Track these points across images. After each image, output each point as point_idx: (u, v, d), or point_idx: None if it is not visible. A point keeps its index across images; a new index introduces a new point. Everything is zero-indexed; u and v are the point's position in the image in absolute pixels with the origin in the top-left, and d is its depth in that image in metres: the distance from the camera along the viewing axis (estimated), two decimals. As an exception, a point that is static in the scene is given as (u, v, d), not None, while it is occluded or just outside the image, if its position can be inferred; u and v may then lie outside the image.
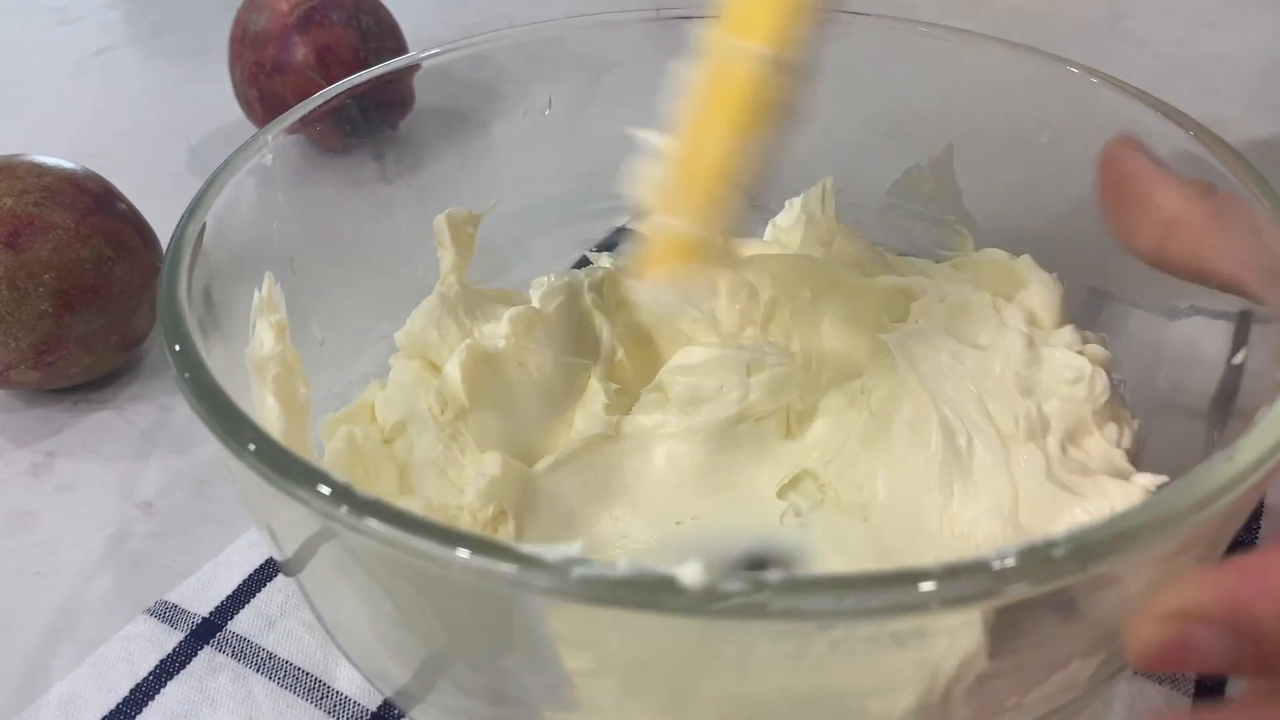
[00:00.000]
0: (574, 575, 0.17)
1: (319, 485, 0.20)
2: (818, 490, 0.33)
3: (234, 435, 0.22)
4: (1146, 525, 0.19)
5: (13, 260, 0.38)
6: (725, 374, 0.33)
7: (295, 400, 0.30)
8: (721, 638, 0.19)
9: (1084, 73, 0.35)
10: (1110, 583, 0.20)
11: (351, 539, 0.20)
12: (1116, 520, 0.19)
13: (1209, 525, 0.20)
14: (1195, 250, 0.28)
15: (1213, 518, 0.20)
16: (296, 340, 0.31)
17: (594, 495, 0.32)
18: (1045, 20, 0.67)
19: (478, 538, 0.18)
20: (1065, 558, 0.18)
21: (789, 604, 0.17)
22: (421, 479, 0.32)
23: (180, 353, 0.24)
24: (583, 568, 0.17)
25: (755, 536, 0.32)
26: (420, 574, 0.20)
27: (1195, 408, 0.31)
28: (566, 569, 0.18)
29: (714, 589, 0.17)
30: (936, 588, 0.17)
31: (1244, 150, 0.30)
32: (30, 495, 0.38)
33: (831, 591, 0.17)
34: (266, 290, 0.30)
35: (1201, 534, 0.21)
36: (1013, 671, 0.21)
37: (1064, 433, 0.30)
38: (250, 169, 0.31)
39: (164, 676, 0.31)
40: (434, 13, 0.71)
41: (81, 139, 0.59)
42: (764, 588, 0.17)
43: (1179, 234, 0.28)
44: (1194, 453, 0.30)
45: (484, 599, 0.20)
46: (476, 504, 0.30)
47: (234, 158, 0.31)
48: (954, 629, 0.20)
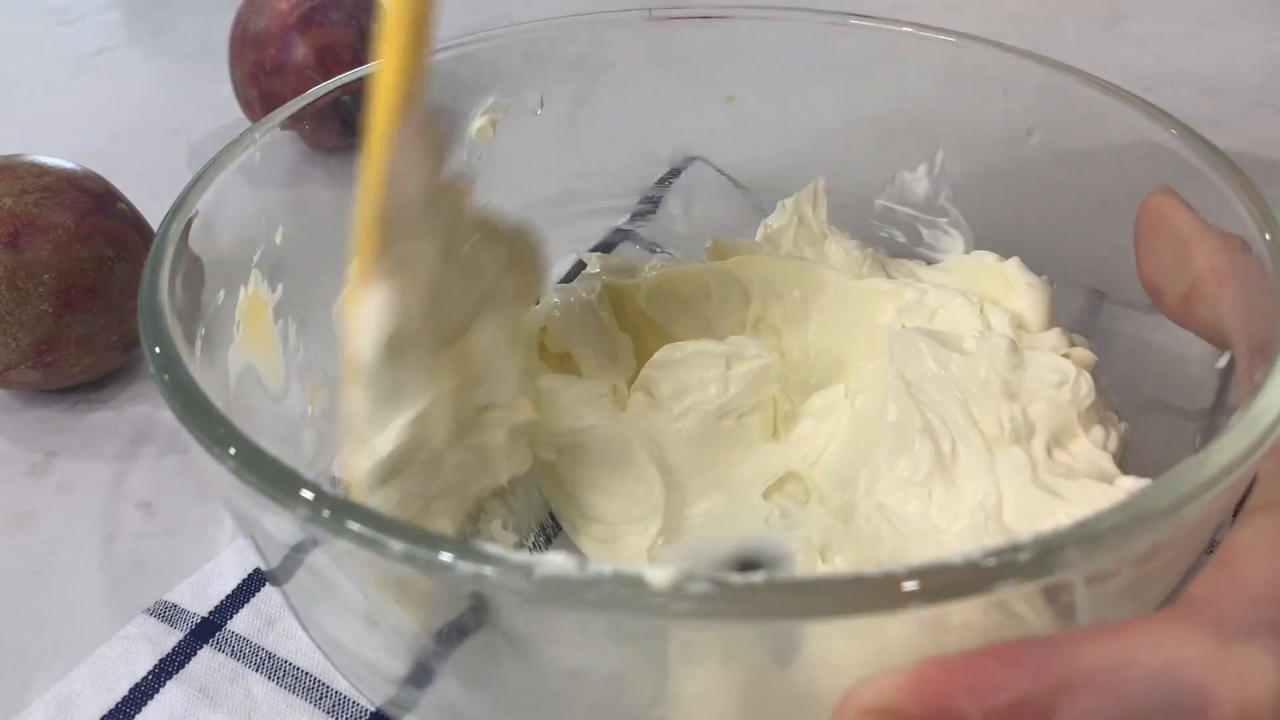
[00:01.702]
0: (538, 576, 0.18)
1: (301, 491, 0.20)
2: (803, 492, 0.33)
3: (213, 439, 0.21)
4: (1114, 529, 0.18)
5: (13, 260, 0.38)
6: (705, 368, 0.34)
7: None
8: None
9: (1080, 75, 0.35)
10: (1076, 586, 0.20)
11: (335, 544, 0.20)
12: (1084, 524, 0.18)
13: (1181, 529, 0.20)
14: (1217, 308, 0.28)
15: (1183, 522, 0.19)
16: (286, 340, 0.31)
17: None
18: (1046, 20, 0.67)
19: (452, 541, 0.18)
20: (1031, 561, 0.18)
21: (748, 606, 0.17)
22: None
23: (160, 354, 0.24)
24: (546, 568, 0.18)
25: (744, 537, 0.33)
26: (403, 580, 0.20)
27: (1189, 410, 0.31)
28: (530, 570, 0.18)
29: (680, 589, 0.17)
30: (907, 590, 0.17)
31: (1244, 150, 0.30)
32: (30, 495, 0.38)
33: (787, 593, 0.17)
34: (253, 288, 0.30)
35: (1175, 538, 0.20)
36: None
37: (1049, 436, 0.30)
38: (238, 167, 0.31)
39: (163, 676, 0.31)
40: (434, 12, 0.71)
41: (81, 139, 0.59)
42: (727, 590, 0.17)
43: (1207, 287, 0.28)
44: (1185, 456, 0.30)
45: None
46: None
47: (220, 156, 0.31)
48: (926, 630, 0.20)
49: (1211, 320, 0.28)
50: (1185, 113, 0.32)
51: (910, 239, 0.41)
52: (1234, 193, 0.28)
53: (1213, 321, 0.28)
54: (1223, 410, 0.29)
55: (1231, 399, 0.28)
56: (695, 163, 0.46)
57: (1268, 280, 0.26)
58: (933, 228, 0.41)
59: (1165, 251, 0.29)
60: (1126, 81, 0.34)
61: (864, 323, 0.35)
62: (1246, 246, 0.28)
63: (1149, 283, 0.30)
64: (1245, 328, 0.27)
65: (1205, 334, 0.29)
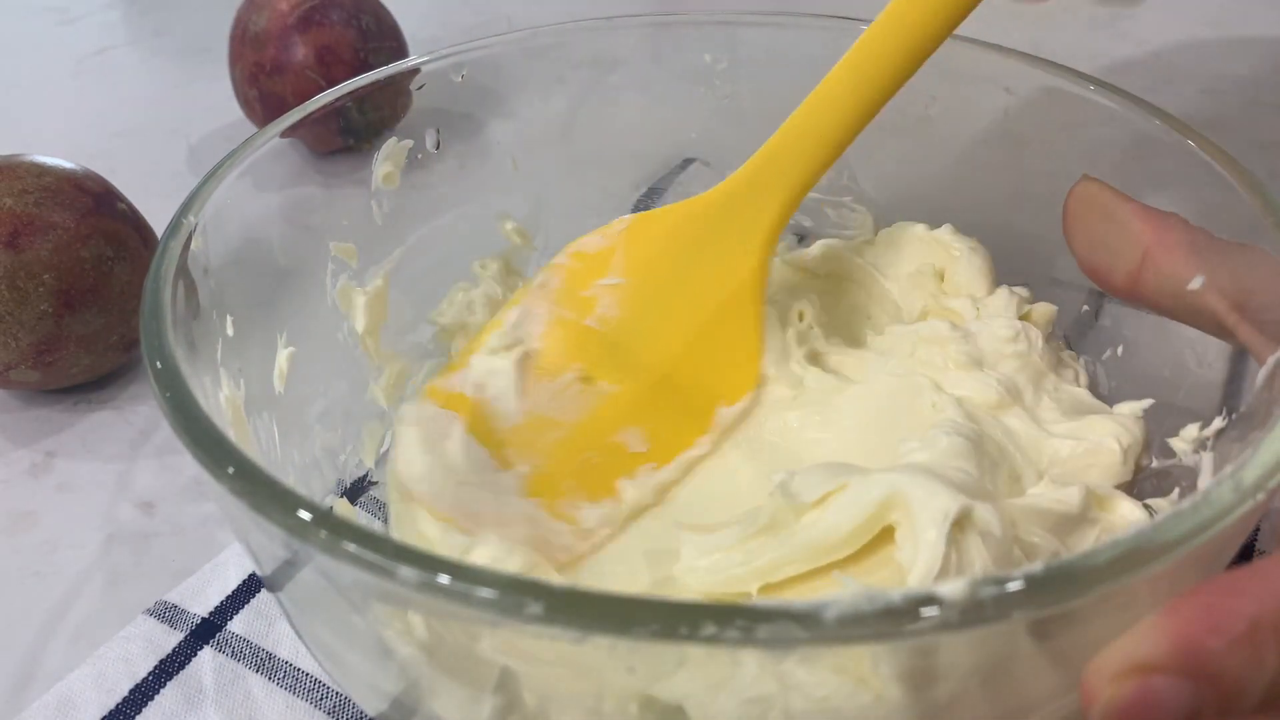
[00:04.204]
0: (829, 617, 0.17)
1: (299, 511, 0.20)
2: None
3: (213, 457, 0.21)
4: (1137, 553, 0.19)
5: (13, 260, 0.38)
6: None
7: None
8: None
9: (1079, 75, 0.35)
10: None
11: (330, 564, 0.20)
12: (1101, 550, 0.18)
13: (1192, 558, 0.20)
14: (1175, 278, 0.28)
15: (1188, 557, 0.19)
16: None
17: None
18: (1046, 20, 0.67)
19: (454, 563, 0.18)
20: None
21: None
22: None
23: (161, 370, 0.24)
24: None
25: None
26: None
27: (1192, 410, 0.31)
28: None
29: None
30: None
31: (1244, 150, 0.30)
32: (30, 495, 0.38)
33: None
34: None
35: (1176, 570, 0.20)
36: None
37: (1031, 390, 0.31)
38: (240, 176, 0.31)
39: (163, 677, 0.31)
40: (434, 13, 0.71)
41: (81, 139, 0.59)
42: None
43: (1158, 260, 0.28)
44: (1186, 455, 0.30)
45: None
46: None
47: (219, 169, 0.31)
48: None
49: (1169, 290, 0.28)
50: (1185, 113, 0.32)
51: (817, 222, 0.42)
52: (1239, 188, 0.29)
53: (1171, 291, 0.28)
54: (1230, 408, 0.29)
55: (1245, 397, 0.28)
56: (693, 164, 0.46)
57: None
58: (838, 207, 0.42)
59: (1102, 232, 0.30)
60: (1126, 82, 0.34)
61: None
62: (1186, 222, 0.28)
63: (1089, 264, 0.31)
64: (1248, 305, 0.27)
65: (1161, 306, 0.29)
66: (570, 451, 0.32)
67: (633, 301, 0.34)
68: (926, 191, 0.40)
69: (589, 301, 0.34)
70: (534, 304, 0.34)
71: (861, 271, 0.39)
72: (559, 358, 0.33)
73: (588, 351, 0.33)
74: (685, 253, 0.33)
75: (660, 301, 0.33)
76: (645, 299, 0.34)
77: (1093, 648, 0.19)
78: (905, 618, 0.17)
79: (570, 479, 0.32)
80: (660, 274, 0.34)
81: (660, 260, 0.34)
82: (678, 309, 0.33)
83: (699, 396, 0.32)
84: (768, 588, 0.27)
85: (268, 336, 0.32)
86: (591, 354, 0.33)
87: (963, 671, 0.20)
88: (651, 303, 0.34)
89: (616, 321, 0.33)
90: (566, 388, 0.33)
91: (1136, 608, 0.19)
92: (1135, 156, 0.33)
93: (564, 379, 0.33)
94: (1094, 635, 0.19)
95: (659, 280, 0.34)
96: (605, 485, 0.31)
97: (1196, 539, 0.19)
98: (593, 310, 0.34)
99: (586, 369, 0.33)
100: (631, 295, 0.34)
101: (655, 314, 0.33)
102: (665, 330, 0.33)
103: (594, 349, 0.33)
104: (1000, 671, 0.20)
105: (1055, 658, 0.20)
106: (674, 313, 0.33)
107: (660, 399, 0.33)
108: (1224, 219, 0.29)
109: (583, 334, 0.34)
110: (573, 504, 0.31)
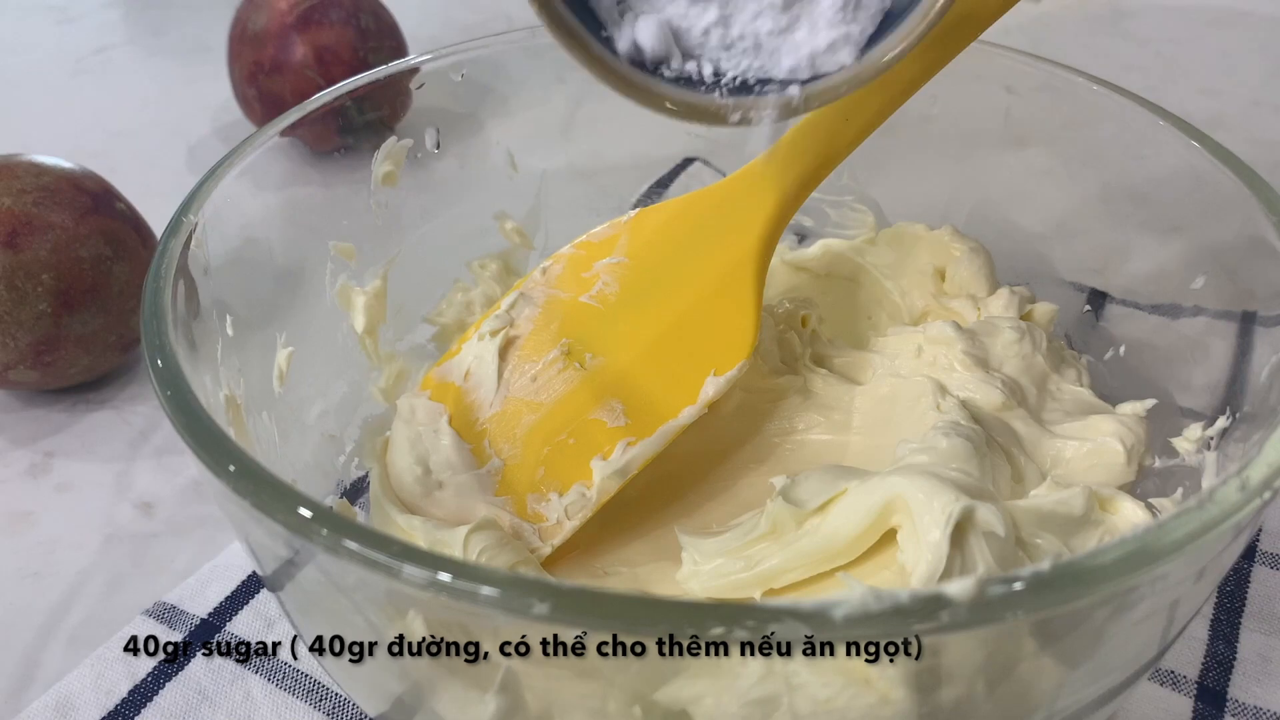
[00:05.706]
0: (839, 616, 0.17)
1: (300, 509, 0.20)
2: None
3: (214, 456, 0.21)
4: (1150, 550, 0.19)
5: (11, 260, 0.38)
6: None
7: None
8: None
9: (1080, 75, 0.35)
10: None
11: (331, 563, 0.20)
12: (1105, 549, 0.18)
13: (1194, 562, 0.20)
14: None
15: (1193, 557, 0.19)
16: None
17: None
18: (1047, 19, 0.67)
19: (459, 562, 0.18)
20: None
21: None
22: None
23: (163, 369, 0.24)
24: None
25: None
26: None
27: (1193, 409, 0.31)
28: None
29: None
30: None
31: (1244, 150, 0.30)
32: (29, 495, 0.38)
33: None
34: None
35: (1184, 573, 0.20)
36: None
37: (1035, 391, 0.31)
38: (239, 175, 0.31)
39: (162, 677, 0.31)
40: (434, 12, 0.71)
41: (81, 139, 0.59)
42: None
43: None
44: (1187, 455, 0.30)
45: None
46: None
47: (218, 168, 0.31)
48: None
49: None
50: (1185, 112, 0.32)
51: (818, 222, 0.42)
52: (1240, 186, 0.29)
53: None
54: (1233, 408, 0.29)
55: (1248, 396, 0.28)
56: (694, 164, 0.46)
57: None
58: (839, 207, 0.42)
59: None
60: (1126, 81, 0.34)
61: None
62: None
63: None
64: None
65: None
66: (546, 435, 0.32)
67: (632, 277, 0.34)
68: (927, 191, 0.40)
69: (588, 281, 0.34)
70: (531, 289, 0.35)
71: (863, 272, 0.39)
72: (547, 334, 0.33)
73: (578, 325, 0.33)
74: (688, 233, 0.33)
75: (659, 276, 0.33)
76: (645, 274, 0.34)
77: (1096, 648, 0.19)
78: (914, 617, 0.17)
79: (543, 466, 0.32)
80: (662, 252, 0.34)
81: (663, 241, 0.34)
82: (676, 282, 0.33)
83: (690, 366, 0.32)
84: (771, 593, 0.27)
85: (267, 336, 0.32)
86: (582, 328, 0.33)
87: (968, 673, 0.19)
88: (650, 277, 0.34)
89: (614, 296, 0.34)
90: (548, 366, 0.33)
91: (1141, 607, 0.19)
92: (1135, 156, 0.33)
93: (547, 357, 0.33)
94: (1098, 636, 0.19)
95: (660, 257, 0.34)
96: (579, 468, 0.31)
97: (1203, 538, 0.19)
98: (591, 288, 0.34)
99: (573, 343, 0.33)
100: (632, 272, 0.34)
101: (654, 287, 0.33)
102: (662, 301, 0.33)
103: (585, 322, 0.34)
104: (1004, 673, 0.20)
105: (1059, 658, 0.20)
106: (672, 285, 0.33)
107: (648, 368, 0.33)
108: (1224, 219, 0.29)
109: (575, 309, 0.34)
110: (541, 499, 0.31)
